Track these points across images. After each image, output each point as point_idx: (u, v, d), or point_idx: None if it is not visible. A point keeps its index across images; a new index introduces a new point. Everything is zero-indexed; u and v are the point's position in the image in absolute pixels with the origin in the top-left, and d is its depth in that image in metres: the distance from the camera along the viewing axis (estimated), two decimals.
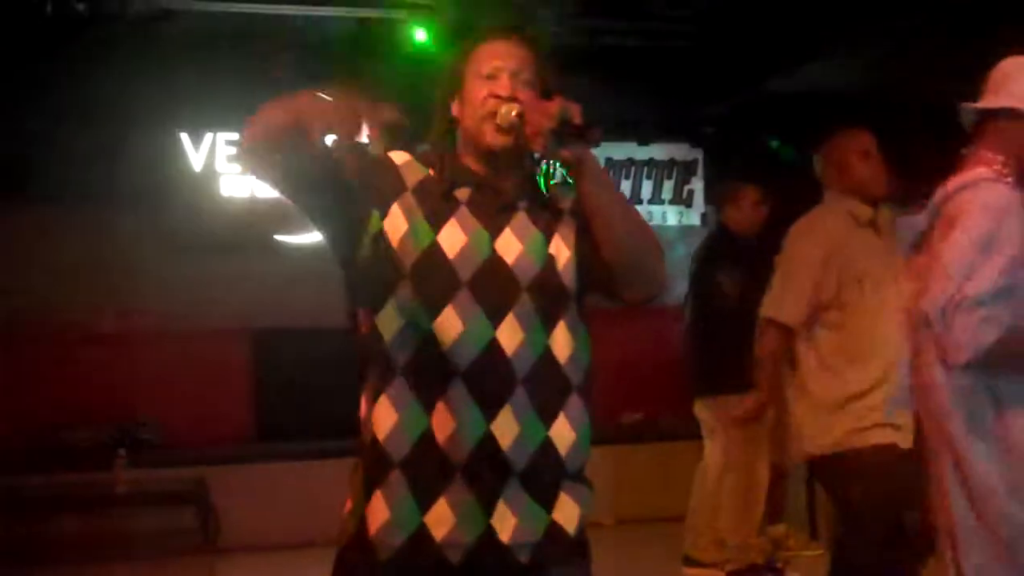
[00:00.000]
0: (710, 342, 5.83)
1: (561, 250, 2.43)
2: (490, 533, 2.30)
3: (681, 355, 6.28)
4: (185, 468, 7.37)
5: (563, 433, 2.37)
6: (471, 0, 6.25)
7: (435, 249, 2.34)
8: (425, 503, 2.30)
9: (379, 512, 2.32)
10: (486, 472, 2.30)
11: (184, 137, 8.00)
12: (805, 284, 4.21)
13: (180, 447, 7.75)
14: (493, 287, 2.34)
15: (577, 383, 2.40)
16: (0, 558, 6.91)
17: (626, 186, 8.81)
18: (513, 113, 2.35)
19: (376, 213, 2.37)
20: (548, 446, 2.35)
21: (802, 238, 4.36)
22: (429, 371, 2.32)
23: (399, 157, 2.46)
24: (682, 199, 8.93)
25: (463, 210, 2.40)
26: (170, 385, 7.93)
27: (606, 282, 2.42)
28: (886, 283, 4.07)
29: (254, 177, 2.47)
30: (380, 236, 2.37)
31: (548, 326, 2.38)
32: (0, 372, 7.66)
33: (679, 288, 6.24)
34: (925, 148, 4.44)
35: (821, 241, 4.25)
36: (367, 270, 2.39)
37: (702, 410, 6.02)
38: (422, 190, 2.41)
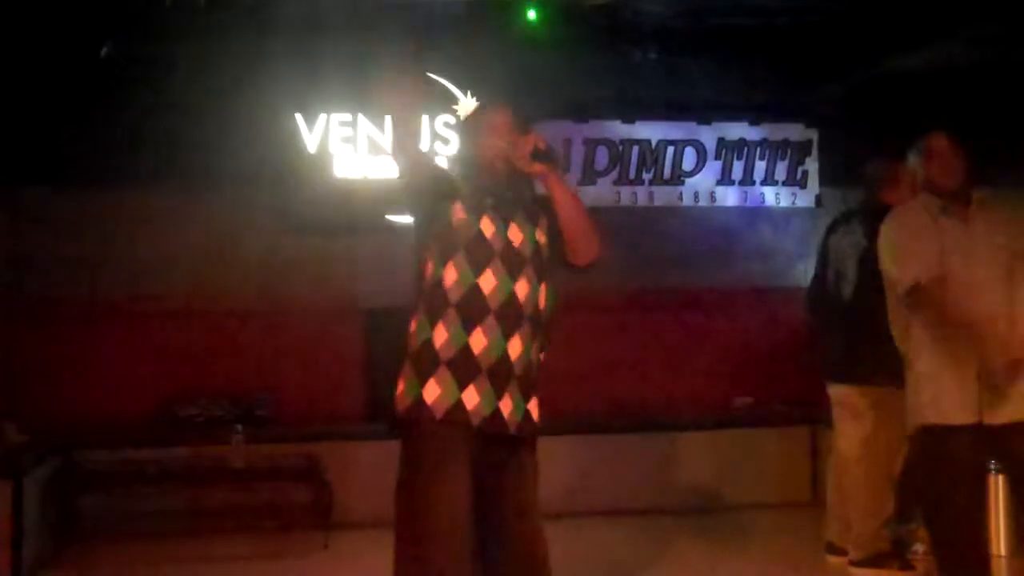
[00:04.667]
0: (881, 326, 5.42)
1: (541, 235, 3.89)
2: (498, 411, 3.69)
3: (823, 334, 6.11)
4: (300, 444, 7.50)
5: (534, 354, 3.81)
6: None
7: (480, 233, 3.77)
8: (462, 387, 3.67)
9: (433, 391, 3.69)
10: (499, 374, 3.69)
11: (299, 118, 8.09)
12: None
13: (295, 423, 7.89)
14: (510, 259, 3.78)
15: (544, 321, 3.84)
16: (119, 530, 7.12)
17: (739, 167, 8.70)
18: (506, 148, 3.84)
19: (445, 207, 3.79)
20: (531, 361, 3.80)
21: None
22: (473, 307, 3.71)
23: (451, 175, 3.94)
24: (796, 180, 8.76)
25: (490, 210, 3.82)
26: (286, 362, 8.07)
27: (562, 253, 3.90)
28: None
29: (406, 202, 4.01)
30: (448, 221, 3.78)
31: (537, 285, 3.81)
32: (121, 349, 7.90)
33: (797, 270, 6.11)
34: None
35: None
36: (438, 239, 3.78)
37: (853, 395, 5.84)
38: (466, 198, 3.83)
